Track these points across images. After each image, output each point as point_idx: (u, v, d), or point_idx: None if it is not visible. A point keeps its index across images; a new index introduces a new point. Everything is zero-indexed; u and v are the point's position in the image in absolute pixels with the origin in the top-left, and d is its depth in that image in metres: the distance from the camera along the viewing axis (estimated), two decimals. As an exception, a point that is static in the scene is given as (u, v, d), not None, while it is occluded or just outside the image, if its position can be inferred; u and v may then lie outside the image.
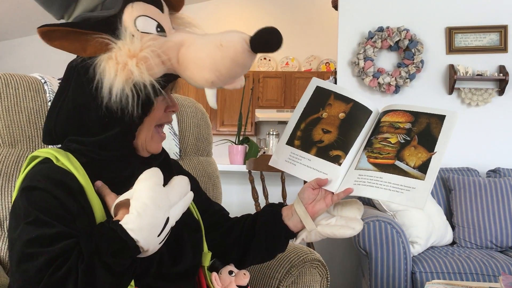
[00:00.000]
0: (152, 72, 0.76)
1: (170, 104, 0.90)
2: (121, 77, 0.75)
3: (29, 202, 0.75)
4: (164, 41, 0.79)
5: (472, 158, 2.95)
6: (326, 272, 1.32)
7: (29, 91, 1.16)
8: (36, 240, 0.71)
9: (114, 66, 0.75)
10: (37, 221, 0.73)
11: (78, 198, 0.77)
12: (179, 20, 0.91)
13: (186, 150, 1.53)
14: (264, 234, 1.00)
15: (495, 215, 2.37)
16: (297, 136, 1.01)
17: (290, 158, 1.00)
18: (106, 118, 0.80)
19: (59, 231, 0.73)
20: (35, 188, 0.76)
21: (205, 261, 0.99)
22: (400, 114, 0.98)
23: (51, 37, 0.76)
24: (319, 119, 1.01)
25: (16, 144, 1.12)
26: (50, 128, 0.88)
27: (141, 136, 0.86)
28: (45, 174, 0.78)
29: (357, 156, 0.98)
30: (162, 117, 0.89)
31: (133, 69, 0.74)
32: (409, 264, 1.99)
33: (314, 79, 1.07)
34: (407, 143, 0.93)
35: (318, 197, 0.98)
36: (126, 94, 0.76)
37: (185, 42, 0.79)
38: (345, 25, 3.15)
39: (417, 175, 0.89)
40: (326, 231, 0.95)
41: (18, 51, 6.28)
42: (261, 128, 6.01)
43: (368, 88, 3.07)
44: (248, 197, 2.98)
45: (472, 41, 2.98)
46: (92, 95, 0.79)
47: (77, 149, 0.84)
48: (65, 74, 0.87)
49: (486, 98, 2.93)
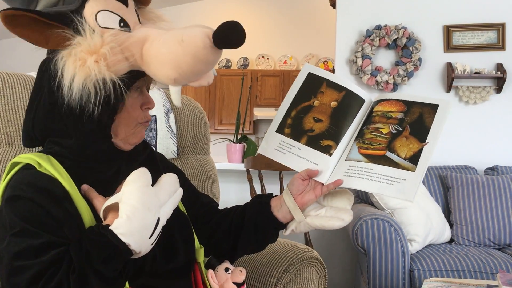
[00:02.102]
0: (114, 69, 0.73)
1: (145, 101, 0.87)
2: (80, 74, 0.72)
3: (14, 212, 0.73)
4: (127, 36, 0.76)
5: (470, 156, 2.95)
6: (324, 270, 1.32)
7: (26, 90, 1.15)
8: (24, 252, 0.70)
9: (73, 63, 0.72)
10: (23, 232, 0.71)
11: (64, 204, 0.75)
12: (149, 14, 0.88)
13: (184, 148, 1.53)
14: (253, 225, 0.99)
15: (493, 213, 2.37)
16: (288, 124, 0.99)
17: (279, 146, 0.97)
18: (69, 117, 0.78)
19: (46, 241, 0.71)
20: (19, 198, 0.74)
21: (199, 257, 0.97)
22: (393, 103, 0.96)
23: (15, 23, 0.73)
24: (310, 107, 0.99)
25: (13, 143, 1.12)
26: (28, 129, 0.85)
27: (121, 133, 0.84)
28: (28, 182, 0.76)
29: (348, 146, 0.96)
30: (140, 115, 0.86)
31: (92, 66, 0.71)
32: (407, 262, 2.00)
33: (306, 65, 1.04)
34: (398, 133, 0.92)
35: (307, 188, 0.96)
36: (87, 92, 0.73)
37: (148, 38, 0.76)
38: (343, 23, 3.15)
39: (408, 166, 0.87)
40: (315, 222, 0.93)
41: (16, 51, 6.26)
42: (260, 126, 6.01)
43: (366, 86, 3.07)
44: (246, 195, 2.98)
45: (470, 39, 2.99)
46: (55, 93, 0.77)
47: (59, 152, 0.82)
48: (38, 72, 0.85)
49: (484, 96, 2.94)
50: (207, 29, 0.71)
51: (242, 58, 6.05)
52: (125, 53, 0.75)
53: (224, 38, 0.69)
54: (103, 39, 0.74)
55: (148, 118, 0.89)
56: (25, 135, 0.87)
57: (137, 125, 0.86)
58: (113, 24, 0.77)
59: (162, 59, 0.73)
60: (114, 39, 0.74)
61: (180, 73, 0.73)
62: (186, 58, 0.71)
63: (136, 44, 0.75)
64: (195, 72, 0.74)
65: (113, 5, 0.78)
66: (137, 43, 0.75)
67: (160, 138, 1.41)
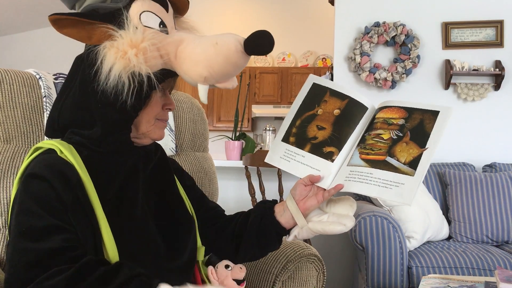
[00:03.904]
0: (150, 64, 0.79)
1: (168, 102, 0.93)
2: (119, 63, 0.78)
3: (25, 190, 0.78)
4: (164, 37, 0.83)
5: (468, 153, 2.96)
6: (322, 267, 1.32)
7: (24, 87, 1.15)
8: (26, 233, 0.73)
9: (115, 53, 0.78)
10: (28, 211, 0.75)
11: (76, 190, 0.79)
12: (183, 24, 0.95)
13: (182, 145, 1.53)
14: (255, 230, 1.01)
15: (491, 210, 2.38)
16: (292, 133, 1.01)
17: (285, 155, 1.00)
18: (99, 104, 0.82)
19: (49, 224, 0.74)
20: (35, 176, 0.79)
21: (199, 256, 0.99)
22: (395, 110, 0.98)
23: (61, 25, 0.82)
24: (314, 115, 1.01)
25: (11, 140, 1.12)
26: (54, 119, 0.90)
27: (142, 127, 0.89)
28: (48, 163, 0.81)
29: (351, 152, 0.98)
30: (160, 113, 0.91)
31: (132, 58, 0.77)
32: (405, 258, 2.00)
33: (311, 76, 1.07)
34: (399, 139, 0.93)
35: (310, 193, 0.98)
36: (122, 82, 0.78)
37: (184, 40, 0.83)
38: (342, 21, 3.15)
39: (407, 171, 0.89)
40: (317, 227, 0.95)
41: (15, 47, 6.25)
42: (258, 123, 6.01)
43: (364, 83, 3.07)
44: (245, 192, 2.98)
45: (468, 36, 2.99)
46: (91, 78, 0.82)
47: (79, 141, 0.86)
48: (72, 66, 0.90)
49: (482, 93, 2.94)
50: (239, 37, 0.79)
51: (241, 55, 6.03)
52: (161, 51, 0.82)
53: (254, 45, 0.77)
54: (144, 36, 0.80)
55: (166, 117, 0.95)
56: (50, 125, 0.91)
57: (156, 121, 0.91)
58: (154, 24, 0.85)
59: (196, 58, 0.80)
60: (154, 36, 0.81)
61: (211, 72, 0.80)
62: (219, 59, 0.78)
63: (172, 44, 0.83)
64: (225, 73, 0.81)
65: (157, 8, 0.86)
66: (173, 44, 0.83)
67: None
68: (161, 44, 0.81)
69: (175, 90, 1.06)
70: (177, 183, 1.04)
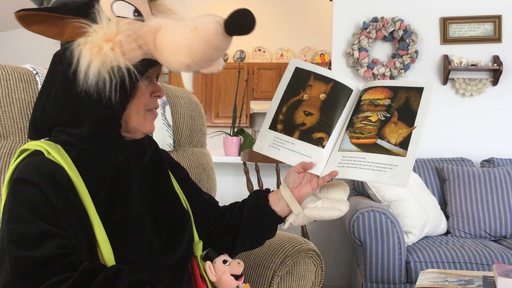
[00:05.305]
0: (129, 57, 0.76)
1: (155, 89, 0.89)
2: (96, 60, 0.74)
3: (14, 196, 0.75)
4: (141, 25, 0.79)
5: (466, 148, 2.96)
6: (320, 261, 1.32)
7: (20, 82, 1.14)
8: (17, 241, 0.71)
9: (90, 50, 0.74)
10: (18, 218, 0.73)
11: (67, 193, 0.76)
12: (160, 7, 0.91)
13: (180, 141, 1.52)
14: (252, 220, 1.00)
15: (489, 205, 2.38)
16: (280, 120, 1.00)
17: (274, 143, 0.99)
18: (83, 103, 0.79)
19: (41, 230, 0.72)
20: (24, 181, 0.75)
21: (196, 251, 0.98)
22: (380, 90, 0.97)
23: (29, 21, 0.76)
24: (300, 101, 1.00)
25: (8, 135, 1.11)
26: (36, 119, 0.86)
27: (132, 121, 0.86)
28: (35, 167, 0.77)
29: (340, 137, 0.97)
30: (149, 102, 0.88)
31: (108, 53, 0.74)
32: (403, 253, 2.00)
33: (292, 60, 1.05)
34: (387, 120, 0.93)
35: (303, 181, 0.97)
36: (103, 78, 0.75)
37: (162, 27, 0.78)
38: (340, 16, 3.14)
39: (398, 152, 0.89)
40: (313, 213, 0.95)
41: (12, 43, 6.23)
42: (256, 119, 6.00)
43: (362, 79, 3.06)
44: (243, 188, 2.98)
45: (467, 31, 2.98)
46: (70, 78, 0.78)
47: (67, 140, 0.83)
48: (51, 63, 0.86)
49: (480, 88, 2.94)
50: (219, 17, 0.73)
51: (239, 51, 6.03)
52: (139, 42, 0.77)
53: (235, 25, 0.71)
54: (119, 28, 0.76)
55: (156, 105, 0.91)
56: (32, 126, 0.88)
57: (146, 112, 0.88)
58: (127, 13, 0.80)
59: (176, 46, 0.75)
60: (129, 27, 0.77)
61: (193, 59, 0.75)
62: (199, 44, 0.74)
63: (150, 32, 0.78)
64: (207, 58, 0.77)
65: None
66: (150, 32, 0.78)
67: (156, 131, 1.40)
68: (138, 34, 0.77)
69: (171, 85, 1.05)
70: (171, 177, 1.02)
